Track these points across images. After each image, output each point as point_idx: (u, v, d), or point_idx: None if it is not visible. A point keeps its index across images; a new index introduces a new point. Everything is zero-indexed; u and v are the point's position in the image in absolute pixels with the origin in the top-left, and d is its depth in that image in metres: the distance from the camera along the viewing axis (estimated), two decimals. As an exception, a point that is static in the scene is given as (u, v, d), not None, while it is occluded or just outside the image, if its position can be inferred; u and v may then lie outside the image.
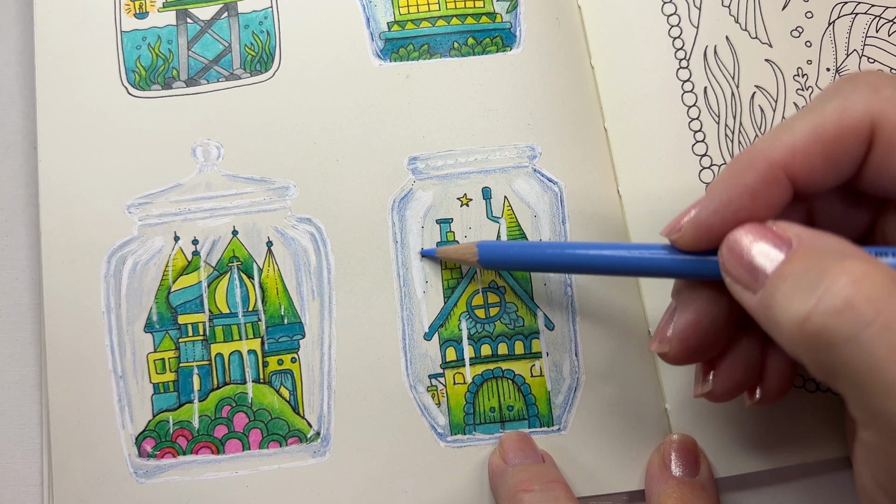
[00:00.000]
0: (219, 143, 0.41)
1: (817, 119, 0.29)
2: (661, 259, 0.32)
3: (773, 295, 0.27)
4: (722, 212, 0.30)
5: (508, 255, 0.37)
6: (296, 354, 0.39)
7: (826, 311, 0.24)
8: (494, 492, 0.37)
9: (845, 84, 0.30)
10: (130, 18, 0.42)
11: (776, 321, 0.26)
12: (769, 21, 0.42)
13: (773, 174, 0.29)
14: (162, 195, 0.40)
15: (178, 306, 0.39)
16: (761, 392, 0.34)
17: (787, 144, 0.29)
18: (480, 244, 0.38)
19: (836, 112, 0.29)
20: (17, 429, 0.39)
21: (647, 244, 0.33)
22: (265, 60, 0.42)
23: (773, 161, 0.29)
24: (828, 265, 0.25)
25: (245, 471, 0.38)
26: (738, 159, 0.30)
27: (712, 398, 0.34)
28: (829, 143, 0.29)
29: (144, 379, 0.39)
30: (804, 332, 0.25)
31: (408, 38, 0.42)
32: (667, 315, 0.34)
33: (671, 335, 0.33)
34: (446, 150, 0.41)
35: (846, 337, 0.24)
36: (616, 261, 0.33)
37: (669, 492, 0.36)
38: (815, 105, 0.30)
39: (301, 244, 0.40)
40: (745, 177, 0.30)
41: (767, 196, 0.30)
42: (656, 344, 0.33)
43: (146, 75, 0.42)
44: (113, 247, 0.40)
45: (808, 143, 0.29)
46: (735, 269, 0.29)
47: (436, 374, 0.39)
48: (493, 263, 0.38)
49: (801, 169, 0.29)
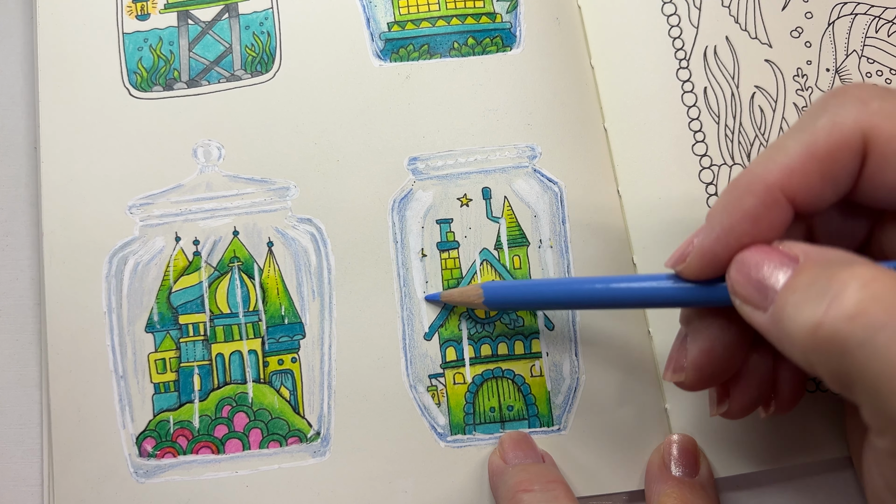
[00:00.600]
0: (220, 144, 0.41)
1: (809, 137, 0.29)
2: (669, 289, 0.32)
3: (783, 308, 0.26)
4: (725, 238, 0.30)
5: (514, 295, 0.37)
6: (296, 354, 0.39)
7: (838, 317, 0.24)
8: (494, 492, 0.37)
9: (832, 99, 0.30)
10: (132, 20, 0.42)
11: (788, 333, 0.26)
12: (769, 21, 0.42)
13: (771, 197, 0.29)
14: (163, 196, 0.40)
15: (179, 306, 0.39)
16: (776, 404, 0.34)
17: (783, 165, 0.29)
18: (485, 286, 0.37)
19: (827, 129, 0.29)
20: (17, 429, 0.40)
21: (653, 275, 0.33)
22: (266, 61, 0.42)
23: (771, 183, 0.29)
24: (836, 272, 0.25)
25: (245, 471, 0.38)
26: (735, 184, 0.30)
27: (729, 416, 0.34)
28: (823, 160, 0.29)
29: (145, 379, 0.39)
30: (817, 339, 0.25)
31: (408, 39, 0.42)
32: (677, 342, 0.34)
33: (686, 364, 0.33)
34: (446, 150, 0.41)
35: (859, 341, 0.24)
36: (624, 294, 0.33)
37: (669, 492, 0.36)
38: (805, 123, 0.30)
39: (301, 244, 0.40)
40: (744, 202, 0.29)
41: (768, 219, 0.29)
42: (670, 374, 0.33)
43: (148, 76, 0.42)
44: (114, 247, 0.40)
45: (803, 162, 0.29)
46: (744, 290, 0.28)
47: (436, 374, 0.39)
48: (499, 304, 0.37)
49: (798, 189, 0.29)
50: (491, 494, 0.38)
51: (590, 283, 0.34)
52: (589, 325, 0.39)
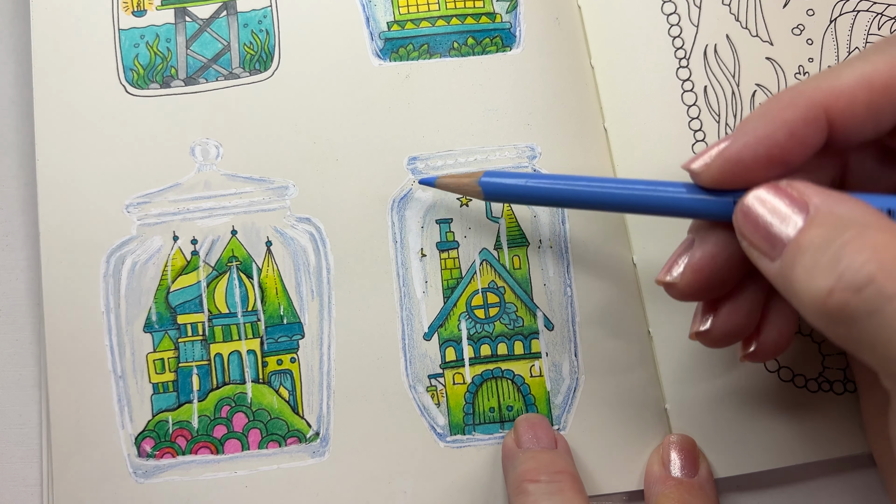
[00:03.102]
0: (218, 143, 0.41)
1: (868, 67, 0.29)
2: (680, 197, 0.31)
3: (792, 267, 0.26)
4: (755, 146, 0.29)
5: (514, 189, 0.35)
6: (295, 354, 0.39)
7: (848, 288, 0.24)
8: (504, 475, 0.37)
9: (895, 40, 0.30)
10: (128, 16, 0.42)
11: (796, 293, 0.26)
12: (770, 19, 0.42)
13: (813, 113, 0.29)
14: (161, 194, 0.40)
15: (178, 306, 0.39)
16: (757, 345, 0.33)
17: (833, 87, 0.29)
18: (484, 178, 0.36)
19: (889, 63, 0.29)
20: (17, 429, 0.40)
21: (666, 181, 0.32)
22: (264, 59, 0.42)
23: (816, 101, 0.29)
24: (848, 239, 0.25)
25: (244, 471, 0.38)
26: (778, 96, 0.30)
27: (708, 339, 0.33)
28: (876, 91, 0.29)
29: (144, 379, 0.39)
30: (826, 307, 0.25)
31: (407, 38, 0.42)
32: (680, 248, 0.33)
33: (685, 265, 0.32)
34: (446, 150, 0.41)
35: (869, 312, 0.24)
36: (631, 196, 0.32)
37: (668, 492, 0.36)
38: (867, 54, 0.29)
39: (300, 244, 0.40)
40: (785, 112, 0.29)
41: (804, 135, 0.29)
42: (666, 273, 0.33)
43: (144, 74, 0.41)
44: (112, 246, 0.40)
45: (855, 89, 0.29)
46: (752, 236, 0.28)
47: (435, 374, 0.39)
48: (497, 197, 0.36)
49: (842, 113, 0.29)
50: (490, 494, 0.38)
51: (595, 183, 0.33)
52: (589, 325, 0.39)
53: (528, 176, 0.35)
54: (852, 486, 0.39)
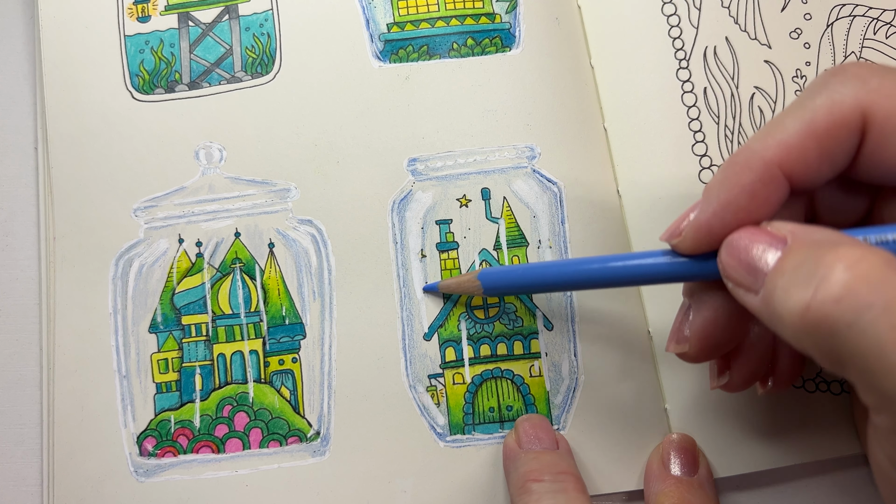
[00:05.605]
0: (221, 146, 0.41)
1: (808, 115, 0.29)
2: (665, 265, 0.32)
3: (772, 291, 0.27)
4: (721, 213, 0.30)
5: (510, 280, 0.37)
6: (297, 354, 0.39)
7: (825, 299, 0.24)
8: (506, 475, 0.37)
9: (832, 78, 0.30)
10: (133, 22, 0.43)
11: (779, 316, 0.26)
12: (768, 22, 0.42)
13: (769, 173, 0.30)
14: (166, 198, 0.41)
15: (182, 307, 0.40)
16: (773, 380, 0.35)
17: (781, 142, 0.29)
18: (482, 274, 0.38)
19: (826, 106, 0.29)
20: (17, 429, 0.40)
21: (648, 252, 0.33)
22: (266, 63, 0.42)
23: (769, 160, 0.29)
24: (823, 254, 0.25)
25: (245, 470, 0.38)
26: (733, 160, 0.30)
27: (730, 389, 0.34)
28: (821, 138, 0.29)
29: (147, 378, 0.39)
30: (806, 322, 0.25)
31: (407, 40, 0.42)
32: (680, 315, 0.34)
33: (690, 334, 0.33)
34: (446, 151, 0.41)
35: (848, 322, 0.24)
36: (620, 273, 0.33)
37: (668, 491, 0.36)
38: (804, 100, 0.30)
39: (302, 245, 0.40)
40: (741, 178, 0.30)
41: (765, 195, 0.30)
42: (674, 344, 0.34)
43: (149, 79, 0.42)
44: (121, 249, 0.40)
45: (801, 139, 0.29)
46: (735, 273, 0.29)
47: (435, 374, 0.39)
48: (497, 290, 0.38)
49: (796, 165, 0.29)
50: (490, 494, 0.38)
51: (586, 264, 0.34)
52: (588, 325, 0.39)
53: (521, 267, 0.37)
54: (851, 485, 0.38)
